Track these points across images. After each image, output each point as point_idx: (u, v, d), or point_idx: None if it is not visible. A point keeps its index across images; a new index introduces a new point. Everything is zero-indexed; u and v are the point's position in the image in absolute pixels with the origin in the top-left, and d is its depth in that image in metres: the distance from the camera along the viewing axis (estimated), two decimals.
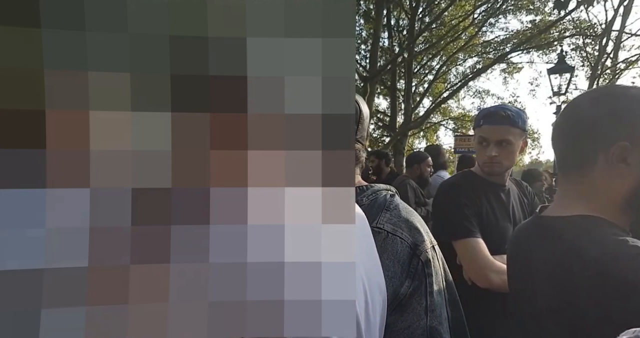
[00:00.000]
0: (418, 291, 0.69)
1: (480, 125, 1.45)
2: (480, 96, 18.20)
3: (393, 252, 0.69)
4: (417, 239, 0.72)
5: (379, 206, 0.75)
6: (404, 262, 0.69)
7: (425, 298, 0.69)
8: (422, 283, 0.69)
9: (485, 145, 1.42)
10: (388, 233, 0.71)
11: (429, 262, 0.71)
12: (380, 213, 0.73)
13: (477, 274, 1.28)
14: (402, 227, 0.72)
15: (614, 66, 13.71)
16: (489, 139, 1.41)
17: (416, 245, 0.71)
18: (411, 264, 0.69)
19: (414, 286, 0.68)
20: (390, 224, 0.73)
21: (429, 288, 0.70)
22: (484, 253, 1.30)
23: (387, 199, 0.77)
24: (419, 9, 12.54)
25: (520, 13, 14.28)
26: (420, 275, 0.69)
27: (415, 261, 0.70)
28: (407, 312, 0.67)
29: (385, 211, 0.74)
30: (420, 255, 0.71)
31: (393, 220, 0.73)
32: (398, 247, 0.70)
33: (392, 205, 0.76)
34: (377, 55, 10.46)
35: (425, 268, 0.70)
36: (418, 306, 0.68)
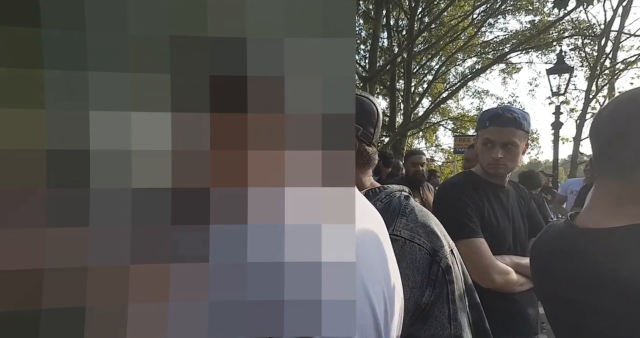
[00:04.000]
0: (440, 299, 0.67)
1: (486, 126, 1.43)
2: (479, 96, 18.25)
3: (412, 260, 0.67)
4: (435, 245, 0.70)
5: (394, 210, 0.73)
6: (424, 269, 0.67)
7: (448, 307, 0.67)
8: (444, 291, 0.68)
9: (491, 146, 1.41)
10: (406, 241, 0.69)
11: (449, 267, 0.70)
12: (396, 219, 0.71)
13: (481, 274, 1.28)
14: (419, 232, 0.70)
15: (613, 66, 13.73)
16: (495, 140, 1.41)
17: (435, 251, 0.69)
18: (431, 271, 0.67)
19: (435, 294, 0.67)
20: (408, 230, 0.70)
21: (450, 296, 0.68)
22: (488, 254, 1.30)
23: (401, 202, 0.75)
24: (418, 9, 12.56)
25: (520, 13, 14.31)
26: (441, 283, 0.68)
27: (435, 268, 0.68)
28: (430, 321, 0.66)
29: (401, 216, 0.72)
30: (440, 262, 0.69)
31: (410, 225, 0.71)
32: (417, 254, 0.68)
33: (408, 209, 0.74)
34: (376, 56, 10.47)
35: (446, 275, 0.69)
36: (441, 315, 0.66)
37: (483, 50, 15.61)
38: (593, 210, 0.77)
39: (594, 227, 0.72)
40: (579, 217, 0.79)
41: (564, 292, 0.75)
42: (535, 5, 13.51)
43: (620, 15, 12.85)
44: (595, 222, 0.73)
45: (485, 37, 15.45)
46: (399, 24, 14.22)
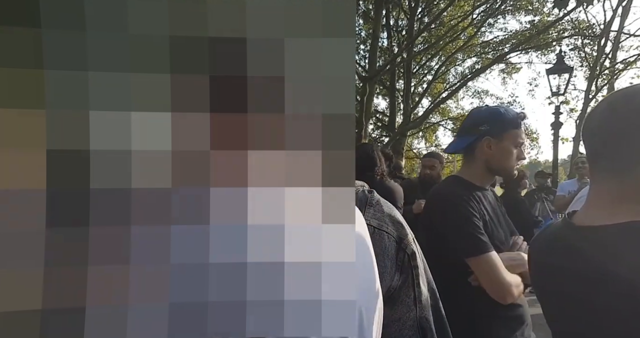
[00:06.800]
0: (406, 283, 0.71)
1: (519, 126, 1.43)
2: (479, 96, 18.26)
3: (382, 247, 0.70)
4: (401, 233, 0.74)
5: (361, 201, 0.76)
6: (392, 256, 0.71)
7: (413, 290, 0.71)
8: (409, 276, 0.72)
9: (521, 148, 1.42)
10: (375, 229, 0.72)
11: (414, 254, 0.74)
12: (364, 209, 0.75)
13: (502, 292, 1.26)
14: (386, 221, 0.74)
15: (613, 66, 13.74)
16: (523, 141, 1.43)
17: (401, 239, 0.73)
18: (398, 258, 0.71)
19: (402, 279, 0.71)
20: (376, 219, 0.74)
21: (415, 280, 0.72)
22: (503, 268, 1.27)
23: (366, 194, 0.78)
24: (418, 9, 12.56)
25: (519, 13, 14.32)
26: (407, 268, 0.72)
27: (401, 254, 0.72)
28: (397, 305, 0.69)
29: (369, 207, 0.76)
30: (406, 249, 0.73)
31: (377, 215, 0.75)
32: (385, 242, 0.71)
33: (374, 200, 0.77)
34: (376, 56, 10.47)
35: (411, 260, 0.73)
36: (407, 298, 0.70)
37: (483, 50, 15.62)
38: (590, 209, 0.77)
39: (592, 225, 0.72)
40: (577, 216, 0.79)
41: (562, 288, 0.76)
42: (535, 5, 13.52)
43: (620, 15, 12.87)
44: (593, 219, 0.73)
45: (485, 37, 15.47)
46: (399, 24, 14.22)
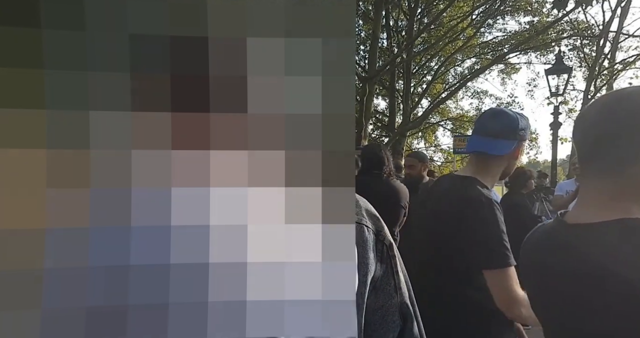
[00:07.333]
0: (386, 273, 0.74)
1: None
2: (478, 97, 18.29)
3: (363, 240, 0.73)
4: (378, 226, 0.77)
5: None
6: (373, 248, 0.74)
7: (393, 279, 0.75)
8: (389, 265, 0.75)
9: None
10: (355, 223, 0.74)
11: (392, 244, 0.76)
12: None
13: (509, 307, 1.26)
14: (364, 215, 0.76)
15: (612, 67, 13.77)
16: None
17: (379, 231, 0.76)
18: (377, 249, 0.74)
19: (383, 269, 0.74)
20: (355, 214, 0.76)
21: (394, 269, 0.75)
22: (518, 285, 1.25)
23: None
24: (418, 9, 12.58)
25: (518, 14, 14.35)
26: (387, 258, 0.75)
27: (380, 246, 0.75)
28: (380, 293, 0.73)
29: None
30: (384, 240, 0.76)
31: (355, 210, 0.76)
32: (366, 234, 0.73)
33: None
34: (375, 56, 10.48)
35: (390, 251, 0.76)
36: (388, 286, 0.74)
37: (482, 50, 15.65)
38: (583, 208, 0.77)
39: (584, 222, 0.73)
40: (569, 214, 0.80)
41: (554, 286, 0.76)
42: (534, 6, 13.55)
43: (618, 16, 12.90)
44: (585, 217, 0.74)
45: (484, 38, 15.50)
46: (399, 24, 14.24)
